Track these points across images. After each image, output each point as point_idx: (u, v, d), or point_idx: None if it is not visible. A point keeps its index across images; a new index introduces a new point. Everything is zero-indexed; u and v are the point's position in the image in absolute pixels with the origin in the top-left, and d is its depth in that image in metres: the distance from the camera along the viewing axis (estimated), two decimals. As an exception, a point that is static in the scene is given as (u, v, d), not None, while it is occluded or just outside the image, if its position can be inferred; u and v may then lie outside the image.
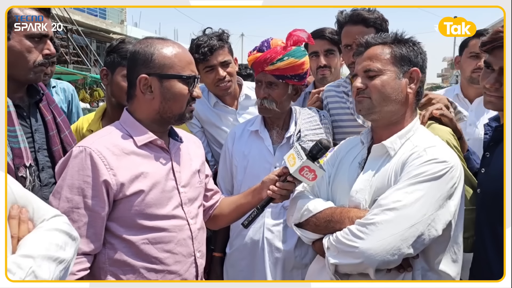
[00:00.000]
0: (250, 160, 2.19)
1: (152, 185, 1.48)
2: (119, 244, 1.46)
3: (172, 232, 1.52)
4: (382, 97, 1.51)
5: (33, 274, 0.93)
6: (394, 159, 1.49)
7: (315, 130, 2.20)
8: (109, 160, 1.42)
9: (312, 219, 1.56)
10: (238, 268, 2.24)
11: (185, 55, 1.55)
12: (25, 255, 0.95)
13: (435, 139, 1.54)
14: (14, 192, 1.07)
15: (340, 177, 1.65)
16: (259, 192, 1.72)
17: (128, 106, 1.59)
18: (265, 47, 2.10)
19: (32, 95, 1.71)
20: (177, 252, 1.53)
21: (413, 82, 1.54)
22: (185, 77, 1.51)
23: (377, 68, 1.52)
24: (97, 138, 1.48)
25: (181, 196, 1.56)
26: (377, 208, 1.40)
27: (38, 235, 1.03)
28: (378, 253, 1.34)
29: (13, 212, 1.03)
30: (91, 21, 22.13)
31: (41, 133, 1.70)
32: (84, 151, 1.42)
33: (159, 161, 1.54)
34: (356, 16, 2.24)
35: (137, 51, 1.52)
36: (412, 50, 1.55)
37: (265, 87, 2.11)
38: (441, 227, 1.38)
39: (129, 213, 1.45)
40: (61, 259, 1.02)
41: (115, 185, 1.42)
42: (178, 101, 1.52)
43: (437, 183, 1.39)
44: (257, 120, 2.26)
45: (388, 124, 1.56)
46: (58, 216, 1.14)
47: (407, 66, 1.53)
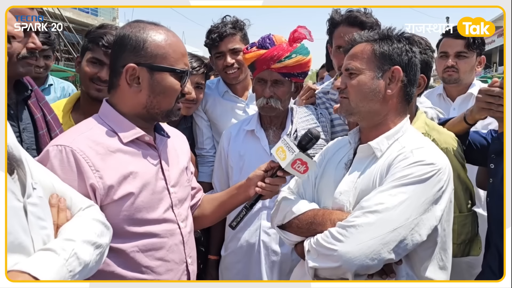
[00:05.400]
0: (246, 161, 2.16)
1: (142, 186, 1.35)
2: None
3: (163, 237, 1.41)
4: (359, 97, 1.47)
5: (75, 256, 0.98)
6: (381, 161, 1.44)
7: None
8: (94, 161, 1.28)
9: (294, 221, 1.50)
10: (233, 271, 2.21)
11: (180, 45, 1.42)
12: (68, 239, 1.01)
13: (424, 141, 1.49)
14: (53, 182, 1.13)
15: (326, 178, 1.59)
16: (245, 190, 1.61)
17: (109, 97, 1.43)
18: (269, 43, 2.05)
19: (19, 92, 1.62)
20: (169, 259, 1.42)
21: (393, 82, 1.47)
22: (178, 71, 1.38)
23: (355, 67, 1.47)
24: (77, 135, 1.31)
25: (171, 197, 1.45)
26: (358, 211, 1.35)
27: (78, 223, 1.11)
28: (356, 257, 1.28)
29: (52, 201, 1.09)
30: (83, 18, 21.94)
31: (30, 132, 1.62)
32: (64, 150, 1.26)
33: (148, 159, 1.40)
34: (353, 18, 2.20)
35: (126, 35, 1.36)
36: (396, 47, 1.47)
37: (271, 85, 2.06)
38: (425, 232, 1.33)
39: (117, 219, 1.31)
40: (99, 244, 1.09)
41: (102, 188, 1.28)
42: (168, 96, 1.39)
43: (423, 186, 1.33)
44: (253, 119, 2.22)
45: (373, 125, 1.51)
46: (93, 206, 1.21)
47: (387, 65, 1.46)
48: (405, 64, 1.48)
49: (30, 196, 0.97)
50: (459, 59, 2.70)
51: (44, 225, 0.99)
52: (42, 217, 0.99)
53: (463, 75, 2.74)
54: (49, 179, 1.13)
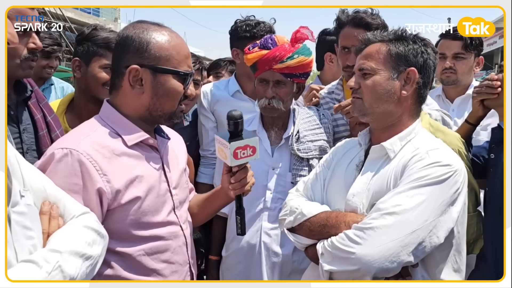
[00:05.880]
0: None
1: (148, 190, 1.35)
2: (111, 258, 1.30)
3: (168, 240, 1.41)
4: (373, 98, 1.45)
5: (59, 269, 0.93)
6: (394, 162, 1.43)
7: (314, 130, 2.16)
8: (101, 165, 1.26)
9: (306, 223, 1.48)
10: (234, 272, 2.19)
11: (183, 47, 1.40)
12: (53, 250, 0.96)
13: (438, 142, 1.48)
14: (46, 189, 1.08)
15: (336, 180, 1.58)
16: (226, 195, 1.58)
17: (111, 97, 1.41)
18: (271, 44, 2.04)
19: (19, 92, 1.61)
20: (173, 261, 1.43)
21: (409, 83, 1.46)
22: (182, 73, 1.37)
23: (370, 67, 1.46)
24: (82, 138, 1.29)
25: (173, 199, 1.45)
26: (376, 212, 1.33)
27: (67, 231, 1.05)
28: (376, 259, 1.26)
29: (44, 208, 1.04)
30: (84, 19, 21.93)
31: (30, 133, 1.61)
32: (70, 154, 1.23)
33: (151, 162, 1.40)
34: (359, 19, 2.18)
35: (129, 36, 1.35)
36: (411, 48, 1.47)
37: (273, 86, 2.05)
38: (443, 234, 1.32)
39: (123, 223, 1.31)
40: (88, 256, 1.03)
41: (110, 193, 1.26)
42: (171, 98, 1.38)
43: (440, 188, 1.32)
44: (255, 119, 2.21)
45: (386, 126, 1.49)
46: (88, 213, 1.15)
47: (403, 66, 1.45)
48: (421, 66, 1.47)
49: (16, 204, 0.93)
50: (457, 60, 2.71)
51: (30, 235, 0.95)
52: (28, 227, 0.95)
53: (461, 76, 2.74)
54: (42, 184, 1.08)
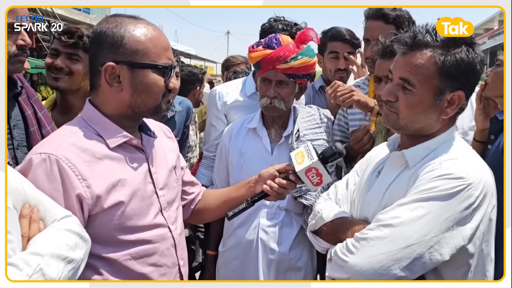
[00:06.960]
0: (247, 159, 2.14)
1: (131, 193, 1.29)
2: (98, 263, 1.26)
3: (155, 243, 1.37)
4: (411, 118, 1.32)
5: (40, 272, 0.92)
6: (411, 171, 1.34)
7: (314, 129, 2.15)
8: (80, 169, 1.21)
9: (323, 227, 1.46)
10: (230, 267, 2.19)
11: (161, 39, 1.33)
12: (34, 253, 0.95)
13: (462, 151, 1.34)
14: (26, 191, 1.06)
15: (360, 185, 1.52)
16: (254, 185, 1.57)
17: (92, 97, 1.35)
18: (275, 43, 2.02)
19: (10, 89, 1.58)
20: (161, 264, 1.39)
21: (453, 105, 1.31)
22: (160, 66, 1.30)
23: (415, 83, 1.28)
24: (61, 142, 1.23)
25: (160, 201, 1.40)
26: (374, 223, 1.29)
27: (48, 234, 1.03)
28: (364, 270, 1.23)
29: (24, 211, 1.02)
30: (74, 16, 21.61)
31: (21, 129, 1.60)
32: (48, 159, 1.18)
33: (135, 163, 1.33)
34: (377, 11, 2.22)
35: (103, 32, 1.27)
36: (463, 63, 1.26)
37: (275, 86, 2.04)
38: (447, 252, 1.23)
39: (108, 228, 1.26)
40: (70, 259, 1.01)
41: (90, 198, 1.21)
42: (152, 93, 1.31)
43: (447, 202, 1.22)
44: (255, 117, 2.20)
45: (418, 135, 1.37)
46: (69, 216, 1.13)
47: (450, 87, 1.28)
48: (469, 87, 1.32)
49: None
50: None
51: (9, 239, 0.93)
52: (7, 230, 0.93)
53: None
54: (22, 187, 1.06)
